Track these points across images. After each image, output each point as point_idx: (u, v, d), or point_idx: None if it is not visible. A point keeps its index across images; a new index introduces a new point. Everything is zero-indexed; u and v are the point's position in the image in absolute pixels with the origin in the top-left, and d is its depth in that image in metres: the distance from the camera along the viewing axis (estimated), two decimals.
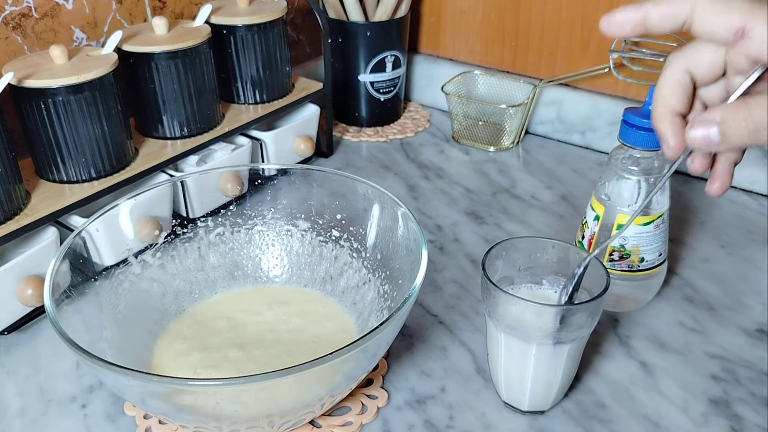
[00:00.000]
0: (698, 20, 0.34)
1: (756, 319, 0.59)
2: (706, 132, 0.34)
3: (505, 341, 0.47)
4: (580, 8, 0.85)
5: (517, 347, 0.46)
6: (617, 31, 0.36)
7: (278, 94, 0.79)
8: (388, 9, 0.88)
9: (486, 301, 0.47)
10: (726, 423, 0.49)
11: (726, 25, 0.33)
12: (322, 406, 0.44)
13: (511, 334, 0.46)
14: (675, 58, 0.37)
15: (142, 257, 0.55)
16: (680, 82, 0.37)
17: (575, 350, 0.47)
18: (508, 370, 0.48)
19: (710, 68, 0.36)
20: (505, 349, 0.47)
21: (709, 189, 0.40)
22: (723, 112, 0.34)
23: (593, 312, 0.45)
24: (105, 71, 0.59)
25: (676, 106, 0.37)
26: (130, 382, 0.38)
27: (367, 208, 0.55)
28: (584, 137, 0.90)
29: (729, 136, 0.34)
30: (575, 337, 0.45)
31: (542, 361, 0.46)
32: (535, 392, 0.48)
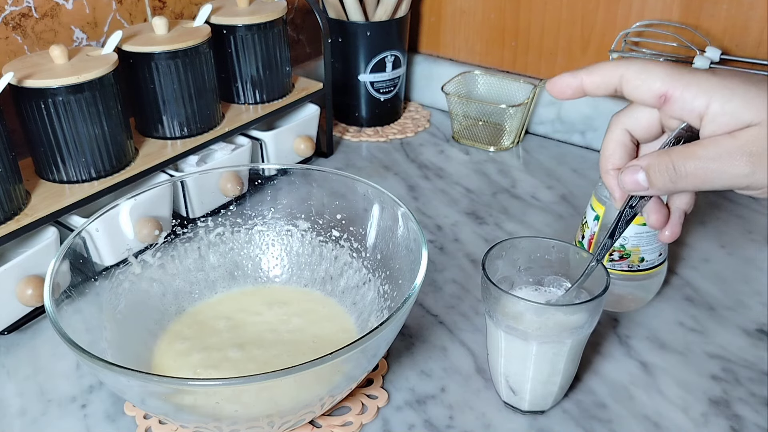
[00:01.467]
0: (626, 88, 0.38)
1: (756, 319, 0.59)
2: (634, 177, 0.38)
3: (505, 341, 0.47)
4: (580, 8, 0.85)
5: (517, 347, 0.46)
6: (560, 95, 0.40)
7: (278, 94, 0.79)
8: (388, 9, 0.88)
9: (486, 301, 0.47)
10: (726, 423, 0.49)
11: (650, 92, 0.37)
12: (322, 406, 0.44)
13: (511, 333, 0.46)
14: (615, 121, 0.41)
15: (142, 257, 0.55)
16: (621, 141, 0.41)
17: (575, 350, 0.47)
18: (508, 370, 0.48)
19: (647, 127, 0.40)
20: (505, 349, 0.47)
21: (661, 236, 0.43)
22: (648, 160, 0.38)
23: (593, 312, 0.45)
24: (105, 71, 0.59)
25: (617, 162, 0.41)
26: (130, 382, 0.38)
27: (367, 208, 0.55)
28: (584, 137, 0.90)
29: (654, 181, 0.37)
30: (575, 336, 0.45)
31: (542, 361, 0.46)
32: (535, 392, 0.48)
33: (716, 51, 0.74)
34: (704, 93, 0.35)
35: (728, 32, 0.75)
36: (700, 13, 0.76)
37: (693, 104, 0.35)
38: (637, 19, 0.80)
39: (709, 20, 0.76)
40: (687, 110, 0.36)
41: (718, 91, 0.35)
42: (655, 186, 0.38)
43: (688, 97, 0.36)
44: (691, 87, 0.35)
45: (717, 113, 0.35)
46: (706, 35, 0.76)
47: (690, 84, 0.35)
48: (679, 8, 0.77)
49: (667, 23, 0.78)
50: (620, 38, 0.80)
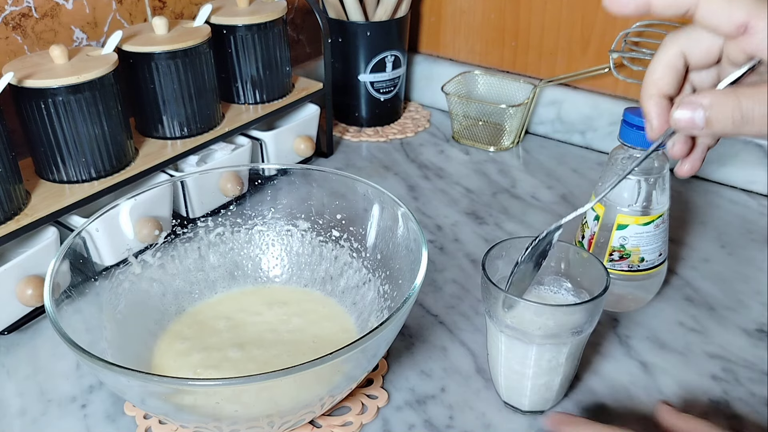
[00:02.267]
0: (702, 11, 0.34)
1: (756, 319, 0.59)
2: (692, 114, 0.34)
3: (505, 341, 0.47)
4: (580, 8, 0.85)
5: (517, 347, 0.46)
6: (620, 8, 0.35)
7: (278, 94, 0.79)
8: (388, 9, 0.88)
9: (486, 301, 0.47)
10: (726, 423, 0.49)
11: (730, 19, 0.33)
12: (322, 406, 0.44)
13: (511, 334, 0.46)
14: (671, 40, 0.37)
15: (142, 257, 0.55)
16: (673, 64, 0.37)
17: (575, 350, 0.47)
18: (508, 370, 0.48)
19: (706, 54, 0.36)
20: (505, 349, 0.47)
21: (679, 170, 0.40)
22: (711, 98, 0.33)
23: (593, 312, 0.45)
24: (105, 71, 0.59)
25: (665, 87, 0.37)
26: (130, 382, 0.38)
27: (367, 208, 0.55)
28: (584, 137, 0.90)
29: (714, 122, 0.33)
30: (575, 336, 0.45)
31: (542, 361, 0.46)
32: (535, 392, 0.48)
33: None
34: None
35: None
36: None
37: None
38: (637, 19, 0.80)
39: None
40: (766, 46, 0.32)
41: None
42: (713, 127, 0.34)
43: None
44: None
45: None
46: None
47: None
48: None
49: (667, 23, 0.78)
50: (620, 38, 0.80)
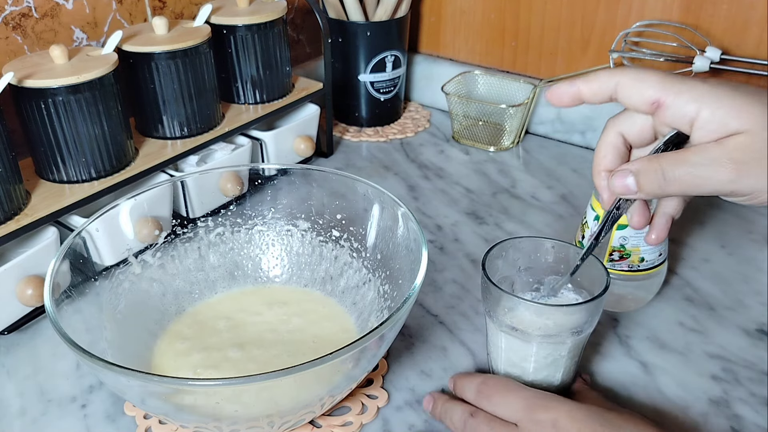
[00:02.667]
0: (620, 95, 0.39)
1: (756, 319, 0.59)
2: (624, 180, 0.39)
3: (505, 341, 0.47)
4: (580, 8, 0.85)
5: (518, 347, 0.46)
6: (558, 102, 0.41)
7: (278, 94, 0.79)
8: (388, 9, 0.88)
9: (486, 301, 0.47)
10: (726, 423, 0.49)
11: (643, 99, 0.38)
12: (322, 406, 0.44)
13: (511, 334, 0.46)
14: (611, 124, 0.42)
15: (142, 257, 0.55)
16: (614, 144, 0.42)
17: (576, 350, 0.47)
18: (509, 370, 0.48)
19: (640, 132, 0.41)
20: (505, 348, 0.47)
21: (647, 239, 0.45)
22: (638, 164, 0.38)
23: (593, 312, 0.45)
24: (105, 71, 0.59)
25: (609, 164, 0.42)
26: (130, 382, 0.38)
27: (367, 208, 0.55)
28: (584, 137, 0.90)
29: (643, 185, 0.38)
30: (575, 336, 0.45)
31: (543, 361, 0.46)
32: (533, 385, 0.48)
33: (716, 51, 0.74)
34: (695, 100, 0.36)
35: (728, 32, 0.75)
36: (700, 13, 0.76)
37: (684, 110, 0.36)
38: (637, 19, 0.80)
39: (709, 20, 0.76)
40: (678, 116, 0.37)
41: (708, 98, 0.36)
42: (644, 190, 0.38)
43: (679, 104, 0.37)
44: (682, 94, 0.37)
45: (706, 120, 0.36)
46: (706, 35, 0.76)
47: (681, 91, 0.37)
48: (679, 8, 0.77)
49: (667, 23, 0.78)
50: (620, 38, 0.80)
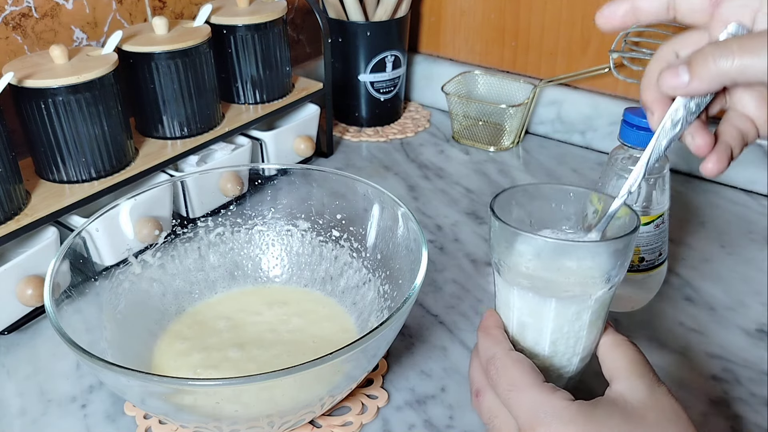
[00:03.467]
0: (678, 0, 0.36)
1: (756, 319, 0.59)
2: (675, 71, 0.35)
3: (519, 298, 0.41)
4: (580, 8, 0.85)
5: (533, 305, 0.40)
6: (607, 23, 0.38)
7: (278, 94, 0.79)
8: (388, 9, 0.88)
9: (496, 250, 0.41)
10: (726, 423, 0.49)
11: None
12: (322, 406, 0.44)
13: (526, 288, 0.40)
14: (665, 45, 0.39)
15: (142, 257, 0.55)
16: (667, 60, 0.38)
17: (600, 310, 0.40)
18: (522, 336, 0.42)
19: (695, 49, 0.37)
20: (518, 309, 0.41)
21: (704, 167, 0.38)
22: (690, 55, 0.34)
23: (623, 254, 0.39)
24: (105, 71, 0.59)
25: None
26: (130, 382, 0.38)
27: (367, 208, 0.55)
28: (584, 137, 0.90)
29: (697, 69, 0.34)
30: (600, 289, 0.39)
31: (562, 322, 0.40)
32: (552, 361, 0.43)
33: None
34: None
35: None
36: None
37: None
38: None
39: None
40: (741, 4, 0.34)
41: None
42: (697, 75, 0.34)
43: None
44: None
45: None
46: None
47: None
48: None
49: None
50: (620, 38, 0.80)
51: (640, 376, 0.38)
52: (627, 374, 0.39)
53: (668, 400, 0.37)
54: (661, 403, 0.37)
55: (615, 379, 0.39)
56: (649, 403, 0.37)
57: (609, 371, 0.40)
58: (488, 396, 0.40)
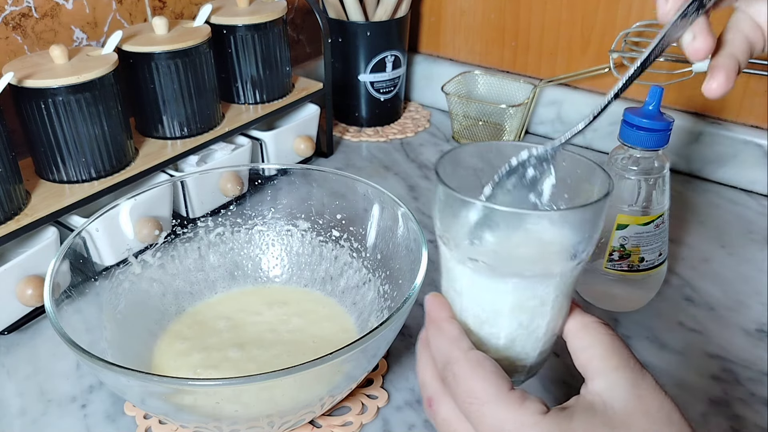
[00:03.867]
0: None
1: (756, 319, 0.59)
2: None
3: (469, 280, 0.35)
4: (580, 8, 0.85)
5: (486, 288, 0.34)
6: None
7: (278, 94, 0.79)
8: (388, 9, 0.88)
9: (442, 222, 0.35)
10: (726, 423, 0.49)
11: None
12: (322, 406, 0.44)
13: (478, 268, 0.34)
14: None
15: (142, 257, 0.55)
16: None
17: (564, 290, 0.34)
18: (474, 323, 0.36)
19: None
20: (468, 293, 0.35)
21: (706, 86, 0.34)
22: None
23: (591, 224, 0.33)
24: (105, 71, 0.59)
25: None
26: (130, 382, 0.38)
27: (367, 208, 0.55)
28: (584, 137, 0.90)
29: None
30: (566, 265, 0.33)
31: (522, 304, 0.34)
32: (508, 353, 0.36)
33: None
34: None
35: None
36: None
37: None
38: (637, 19, 0.80)
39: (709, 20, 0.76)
40: None
41: None
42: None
43: None
44: None
45: None
46: None
47: None
48: None
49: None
50: (620, 38, 0.80)
51: (617, 368, 0.32)
52: (603, 368, 0.33)
53: (655, 396, 0.31)
54: (647, 402, 0.31)
55: (590, 374, 0.33)
56: (634, 405, 0.31)
57: (581, 363, 0.34)
58: (445, 406, 0.35)
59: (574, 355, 0.35)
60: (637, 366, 0.33)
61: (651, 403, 0.31)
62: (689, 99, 0.82)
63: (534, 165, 0.36)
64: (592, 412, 0.31)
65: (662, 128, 0.52)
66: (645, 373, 0.32)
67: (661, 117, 0.52)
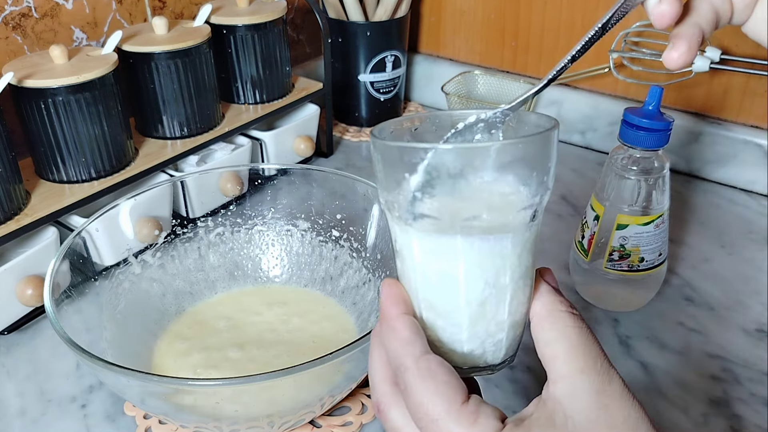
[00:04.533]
0: None
1: (756, 319, 0.59)
2: None
3: (420, 245, 0.31)
4: (580, 8, 0.85)
5: (437, 248, 0.30)
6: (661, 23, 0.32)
7: (278, 94, 0.79)
8: (388, 9, 0.88)
9: (383, 184, 0.31)
10: (726, 423, 0.49)
11: None
12: (322, 406, 0.44)
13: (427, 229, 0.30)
14: None
15: (142, 257, 0.55)
16: None
17: (522, 250, 0.30)
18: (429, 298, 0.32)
19: None
20: (420, 259, 0.31)
21: (667, 56, 0.32)
22: None
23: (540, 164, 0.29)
24: (105, 71, 0.59)
25: None
26: (130, 382, 0.38)
27: (367, 208, 0.55)
28: (584, 137, 0.90)
29: None
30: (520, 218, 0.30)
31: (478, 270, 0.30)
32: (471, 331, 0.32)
33: (716, 51, 0.74)
34: None
35: (728, 32, 0.75)
36: None
37: None
38: (637, 19, 0.80)
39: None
40: None
41: None
42: None
43: None
44: None
45: None
46: None
47: None
48: None
49: None
50: (620, 38, 0.80)
51: (582, 371, 0.29)
52: (567, 370, 0.29)
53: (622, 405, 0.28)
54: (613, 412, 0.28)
55: (553, 375, 0.30)
56: (597, 416, 0.28)
57: (545, 359, 0.31)
58: (395, 411, 0.32)
59: (538, 346, 0.31)
60: (605, 368, 0.29)
61: (616, 414, 0.28)
62: (689, 99, 0.82)
63: (481, 130, 0.33)
64: (551, 425, 0.28)
65: (662, 128, 0.52)
66: (613, 376, 0.29)
67: (661, 117, 0.52)
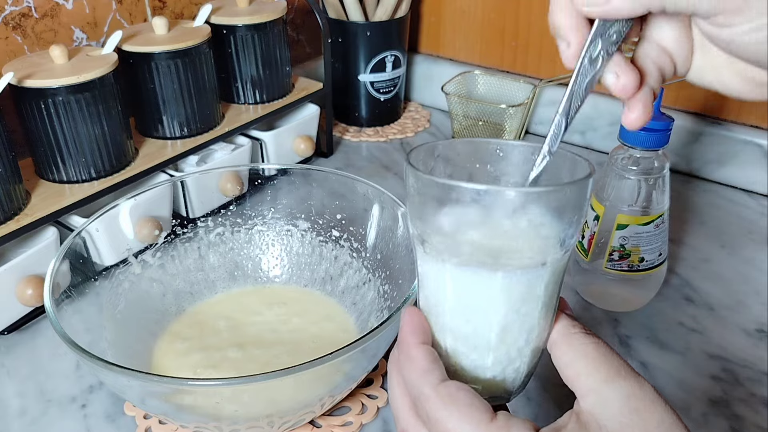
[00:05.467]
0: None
1: (756, 319, 0.59)
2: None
3: (454, 279, 0.31)
4: None
5: (474, 284, 0.31)
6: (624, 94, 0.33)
7: (278, 94, 0.79)
8: (388, 9, 0.88)
9: (420, 217, 0.31)
10: (726, 423, 0.49)
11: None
12: (322, 406, 0.44)
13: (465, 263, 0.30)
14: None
15: (142, 257, 0.55)
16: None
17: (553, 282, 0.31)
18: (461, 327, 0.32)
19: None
20: (454, 291, 0.31)
21: (626, 119, 0.33)
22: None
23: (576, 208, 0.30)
24: (105, 71, 0.59)
25: None
26: (130, 382, 0.38)
27: (367, 208, 0.55)
28: (584, 137, 0.90)
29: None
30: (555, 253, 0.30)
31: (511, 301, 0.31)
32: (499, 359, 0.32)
33: None
34: None
35: None
36: None
37: None
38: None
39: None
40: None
41: None
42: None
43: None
44: None
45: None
46: None
47: None
48: None
49: None
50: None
51: (607, 380, 0.29)
52: (592, 383, 0.29)
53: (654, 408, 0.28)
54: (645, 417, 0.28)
55: (579, 391, 0.30)
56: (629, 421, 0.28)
57: (568, 380, 0.31)
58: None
59: (560, 371, 0.31)
60: (631, 374, 0.29)
61: (649, 418, 0.28)
62: (689, 99, 0.82)
63: None
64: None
65: (662, 128, 0.52)
66: (642, 381, 0.29)
67: (661, 117, 0.52)
